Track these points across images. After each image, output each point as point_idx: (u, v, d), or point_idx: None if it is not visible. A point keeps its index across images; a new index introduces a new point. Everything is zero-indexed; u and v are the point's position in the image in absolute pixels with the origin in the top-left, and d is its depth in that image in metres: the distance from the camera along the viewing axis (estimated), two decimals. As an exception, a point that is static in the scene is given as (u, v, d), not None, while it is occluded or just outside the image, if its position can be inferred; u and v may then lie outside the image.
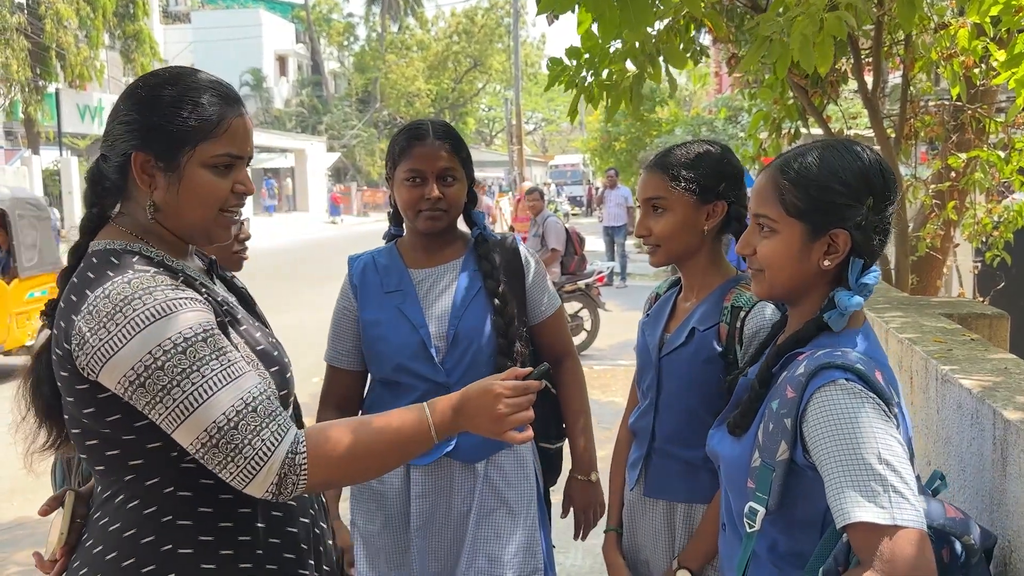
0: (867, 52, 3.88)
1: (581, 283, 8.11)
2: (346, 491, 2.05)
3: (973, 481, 1.69)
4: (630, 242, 14.43)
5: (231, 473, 1.20)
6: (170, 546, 1.26)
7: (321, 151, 38.29)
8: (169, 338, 1.19)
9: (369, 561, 2.07)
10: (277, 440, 1.21)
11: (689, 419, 1.79)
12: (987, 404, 1.60)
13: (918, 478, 1.29)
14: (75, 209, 21.69)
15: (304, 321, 10.44)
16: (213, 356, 1.21)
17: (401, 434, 1.31)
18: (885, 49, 3.82)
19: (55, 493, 1.47)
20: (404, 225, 2.13)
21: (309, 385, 7.47)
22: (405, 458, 1.38)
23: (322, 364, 2.19)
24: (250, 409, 1.21)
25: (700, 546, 1.76)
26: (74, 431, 1.29)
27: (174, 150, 1.30)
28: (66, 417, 1.30)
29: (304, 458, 1.23)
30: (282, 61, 44.63)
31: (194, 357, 1.20)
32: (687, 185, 1.79)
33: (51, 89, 22.23)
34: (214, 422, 1.19)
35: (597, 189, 26.82)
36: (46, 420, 1.35)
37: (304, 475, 1.22)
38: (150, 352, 1.18)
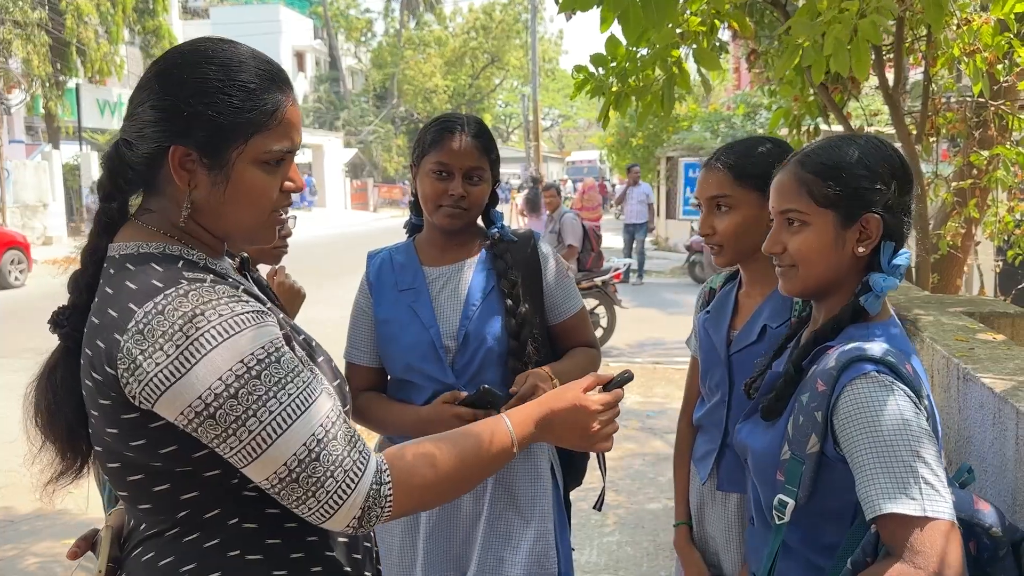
0: (888, 48, 3.84)
1: (598, 280, 8.10)
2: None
3: (994, 480, 1.68)
4: (649, 239, 14.37)
5: (310, 508, 1.07)
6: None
7: (338, 147, 38.42)
8: (242, 361, 1.03)
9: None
10: (360, 470, 1.08)
11: None
12: (1009, 403, 1.59)
13: (945, 470, 1.28)
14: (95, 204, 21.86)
15: (326, 316, 10.49)
16: (289, 379, 1.06)
17: (485, 453, 1.21)
18: (907, 45, 3.79)
19: (85, 534, 1.33)
20: (424, 218, 2.10)
21: (326, 379, 7.51)
22: (487, 475, 1.27)
23: (340, 359, 2.19)
24: (331, 437, 1.07)
25: None
26: (111, 465, 1.13)
27: (222, 145, 1.12)
28: (98, 449, 1.15)
29: (389, 488, 1.11)
30: (300, 57, 44.78)
31: (270, 382, 1.04)
32: (753, 182, 1.77)
33: (71, 84, 22.43)
34: (294, 455, 1.04)
35: (613, 186, 26.74)
36: (68, 447, 1.17)
37: (389, 507, 1.10)
38: (220, 378, 1.02)
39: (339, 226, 28.63)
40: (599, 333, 8.13)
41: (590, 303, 8.16)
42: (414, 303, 2.01)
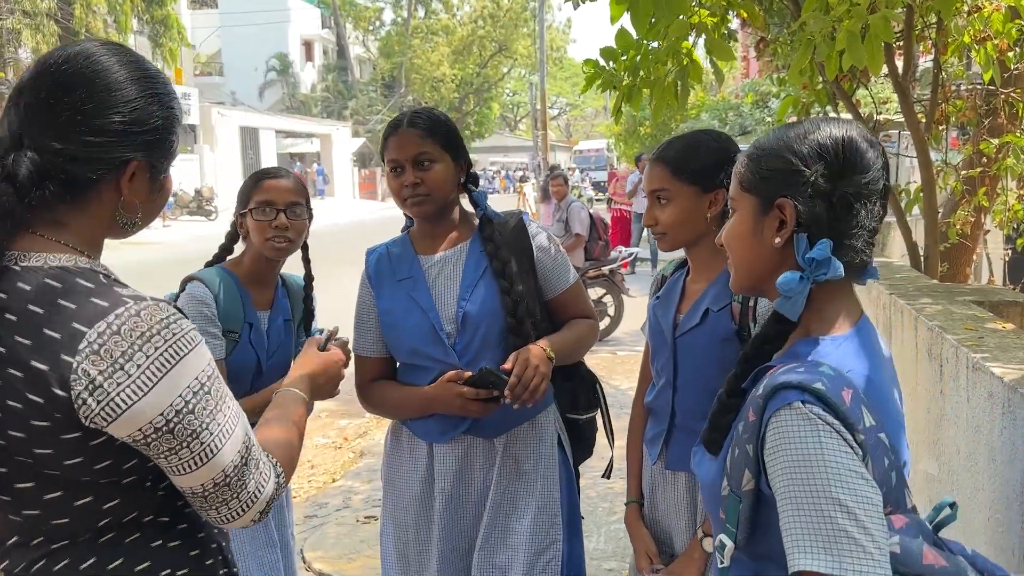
0: (898, 35, 3.81)
1: (605, 269, 8.09)
2: (374, 462, 2.09)
3: (1004, 470, 1.68)
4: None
5: (230, 508, 1.15)
6: (168, 570, 1.19)
7: (346, 136, 38.43)
8: (196, 378, 1.09)
9: (395, 535, 2.14)
10: (270, 470, 1.20)
11: (709, 395, 1.78)
12: (1019, 392, 1.59)
13: (913, 510, 1.14)
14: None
15: (335, 305, 10.51)
16: (225, 392, 1.15)
17: (301, 415, 1.42)
18: (916, 32, 3.75)
19: None
20: None
21: (334, 368, 7.57)
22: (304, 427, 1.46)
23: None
24: (254, 442, 1.18)
25: None
26: (22, 485, 1.10)
27: (170, 155, 1.21)
28: (2, 471, 1.10)
29: (284, 476, 1.24)
30: (308, 46, 44.74)
31: (217, 396, 1.12)
32: (688, 177, 1.85)
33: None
34: (231, 461, 1.13)
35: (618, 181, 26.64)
36: None
37: (282, 490, 1.24)
38: (180, 395, 1.07)
39: (347, 215, 28.67)
40: (606, 322, 8.12)
41: (597, 292, 8.16)
42: (412, 291, 2.07)
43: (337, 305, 10.96)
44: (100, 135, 1.11)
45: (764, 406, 1.10)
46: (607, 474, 2.29)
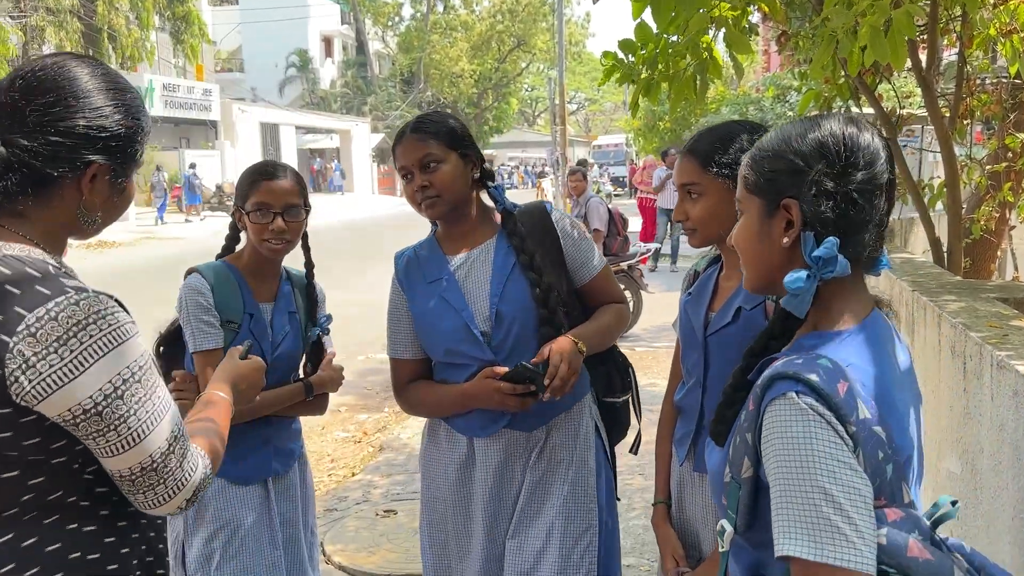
0: (921, 29, 3.77)
1: (624, 264, 8.07)
2: (393, 457, 2.10)
3: (1027, 469, 1.66)
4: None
5: (156, 493, 1.21)
6: (78, 553, 1.23)
7: (365, 132, 38.54)
8: (127, 366, 1.17)
9: (434, 530, 2.16)
10: (198, 461, 1.27)
11: None
12: (1043, 391, 1.57)
13: (910, 504, 1.14)
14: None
15: (350, 300, 10.59)
16: (158, 383, 1.23)
17: (227, 415, 1.50)
18: (941, 26, 3.71)
19: None
20: None
21: (355, 363, 7.60)
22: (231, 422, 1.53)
23: (368, 343, 2.27)
24: (179, 434, 1.24)
25: None
26: None
27: (133, 163, 1.30)
28: None
29: (210, 468, 1.31)
30: (328, 42, 44.88)
31: (147, 385, 1.20)
32: (720, 170, 1.81)
33: (103, 70, 22.66)
34: (158, 447, 1.20)
35: (643, 170, 26.53)
36: None
37: (210, 480, 1.31)
38: (110, 381, 1.15)
39: (367, 211, 28.79)
40: (625, 318, 8.08)
41: (617, 288, 8.13)
42: (444, 292, 2.09)
43: (360, 298, 10.97)
44: (64, 136, 1.21)
45: (762, 396, 1.14)
46: (634, 449, 2.32)
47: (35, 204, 1.22)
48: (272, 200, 2.17)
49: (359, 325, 9.14)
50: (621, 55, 3.60)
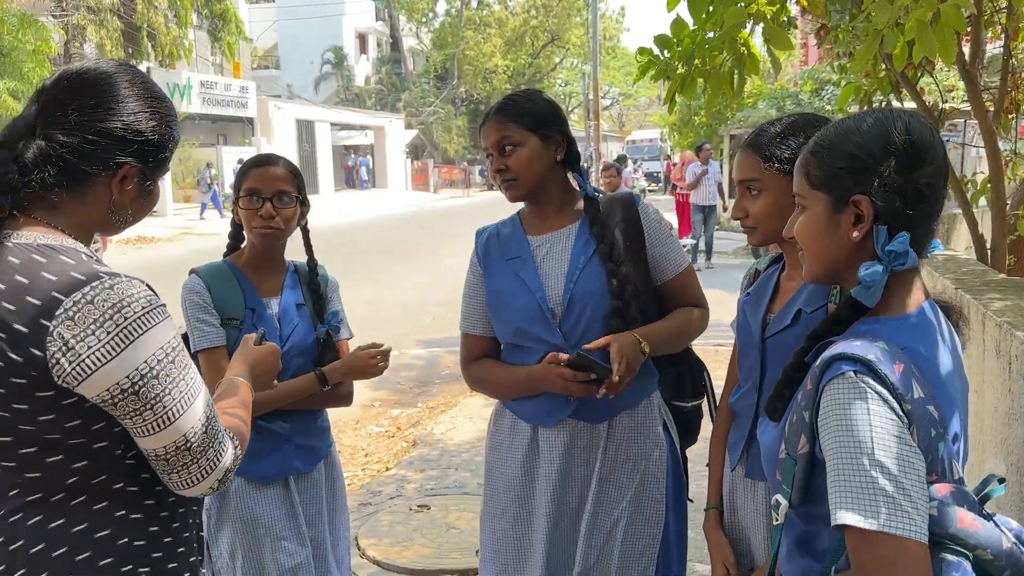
0: (965, 21, 3.69)
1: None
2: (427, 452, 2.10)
3: (1074, 472, 1.62)
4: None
5: (190, 473, 1.26)
6: (126, 539, 1.28)
7: (399, 128, 38.70)
8: (161, 347, 1.21)
9: (497, 519, 2.15)
10: (228, 442, 1.31)
11: None
12: (1092, 392, 1.53)
13: (959, 481, 1.20)
14: (166, 184, 22.53)
15: (382, 297, 10.66)
16: (189, 365, 1.27)
17: (247, 400, 1.54)
18: (985, 18, 3.62)
19: None
20: None
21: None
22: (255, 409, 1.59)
23: (400, 338, 2.26)
24: (211, 415, 1.29)
25: None
26: (1, 439, 1.22)
27: (162, 167, 1.37)
28: None
29: (240, 449, 1.35)
30: (362, 39, 45.15)
31: (180, 366, 1.24)
32: (780, 166, 1.75)
33: (142, 68, 22.98)
34: (192, 427, 1.24)
35: (674, 165, 26.39)
36: None
37: (239, 461, 1.35)
38: (146, 361, 1.19)
39: (399, 207, 28.95)
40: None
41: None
42: (520, 271, 2.09)
43: (393, 294, 11.00)
44: (101, 136, 1.27)
45: (820, 376, 1.19)
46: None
47: (69, 198, 1.28)
48: (261, 186, 2.16)
49: (391, 321, 9.20)
50: (656, 51, 3.57)
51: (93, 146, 1.27)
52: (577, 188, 2.16)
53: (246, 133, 29.55)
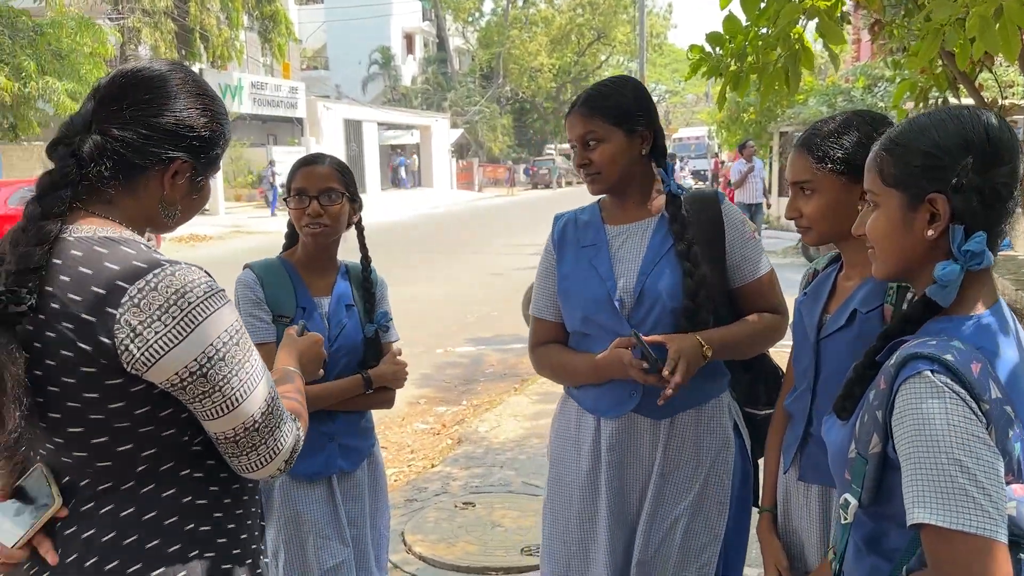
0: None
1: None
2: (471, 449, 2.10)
3: None
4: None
5: (259, 455, 1.29)
6: (192, 525, 1.30)
7: (445, 127, 38.89)
8: (225, 330, 1.24)
9: (559, 510, 2.15)
10: (293, 424, 1.35)
11: None
12: None
13: None
14: (218, 183, 22.98)
15: (426, 294, 10.72)
16: (251, 348, 1.29)
17: (301, 387, 1.59)
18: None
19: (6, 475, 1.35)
20: None
21: (434, 356, 7.69)
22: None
23: (447, 336, 2.26)
24: (275, 396, 1.32)
25: None
26: (73, 430, 1.23)
27: (213, 164, 1.40)
28: (55, 416, 1.23)
29: (302, 432, 1.38)
30: (409, 39, 45.47)
31: (245, 348, 1.27)
32: (834, 165, 1.73)
33: (195, 69, 23.42)
34: (259, 408, 1.27)
35: (722, 162, 26.10)
36: (28, 425, 1.22)
37: (301, 444, 1.37)
38: (212, 344, 1.22)
39: (445, 205, 29.09)
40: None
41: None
42: (594, 259, 2.07)
43: (440, 291, 11.07)
44: (153, 131, 1.30)
45: (895, 375, 1.18)
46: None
47: (123, 192, 1.31)
48: (308, 184, 2.19)
49: (437, 319, 9.25)
50: (708, 48, 3.53)
51: (146, 140, 1.30)
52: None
53: (295, 133, 29.97)
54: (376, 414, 2.42)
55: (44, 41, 16.66)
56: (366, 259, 2.35)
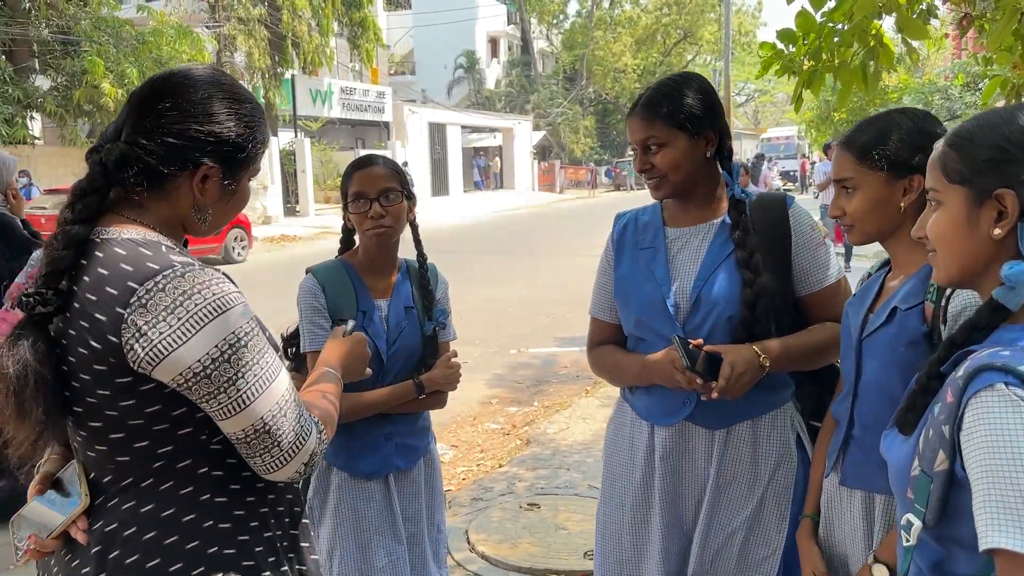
0: None
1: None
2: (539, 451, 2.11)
3: None
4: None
5: (272, 456, 1.28)
6: (211, 522, 1.31)
7: (527, 130, 39.01)
8: (233, 332, 1.24)
9: (612, 515, 2.13)
10: (311, 426, 1.33)
11: (890, 406, 1.65)
12: None
13: None
14: (308, 185, 23.67)
15: (503, 295, 10.78)
16: (266, 350, 1.29)
17: (338, 385, 1.58)
18: None
19: (41, 472, 1.42)
20: None
21: (507, 356, 7.73)
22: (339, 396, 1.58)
23: (521, 337, 2.27)
24: (293, 400, 1.31)
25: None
26: (93, 424, 1.28)
27: (243, 167, 1.39)
28: (78, 410, 1.28)
29: (324, 433, 1.36)
30: (494, 43, 45.77)
31: (254, 351, 1.26)
32: (874, 163, 1.70)
33: (287, 75, 24.23)
34: (269, 410, 1.26)
35: (813, 164, 25.38)
36: (50, 421, 1.26)
37: (324, 446, 1.36)
38: (216, 346, 1.22)
39: (524, 207, 29.15)
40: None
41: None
42: (651, 261, 2.04)
43: (515, 292, 11.08)
44: (177, 138, 1.32)
45: (964, 388, 1.11)
46: None
47: (153, 197, 1.34)
48: (366, 188, 2.18)
49: (513, 319, 9.29)
50: (780, 46, 3.44)
51: (169, 148, 1.31)
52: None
53: (382, 137, 30.58)
54: (447, 413, 2.42)
55: (146, 49, 17.47)
56: (422, 256, 2.37)
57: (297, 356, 2.28)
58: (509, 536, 3.84)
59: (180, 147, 1.32)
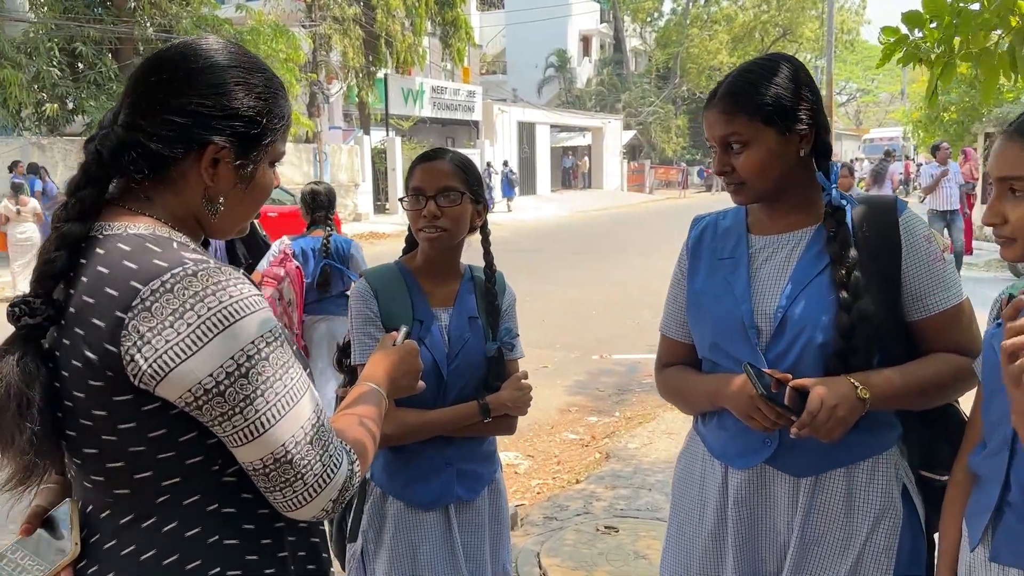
0: None
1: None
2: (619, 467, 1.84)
3: None
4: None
5: (292, 491, 1.10)
6: (218, 569, 1.13)
7: (617, 129, 38.63)
8: (251, 342, 1.06)
9: (677, 564, 1.83)
10: (340, 458, 1.14)
11: None
12: None
13: None
14: (397, 184, 23.90)
15: (587, 297, 10.53)
16: (290, 364, 1.10)
17: (378, 408, 1.35)
18: None
19: (32, 510, 1.22)
20: None
21: (589, 362, 7.48)
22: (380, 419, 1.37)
23: (604, 342, 2.01)
24: (318, 423, 1.12)
25: None
26: (88, 451, 1.11)
27: (256, 147, 1.19)
28: (71, 434, 1.11)
29: (357, 465, 1.17)
30: (586, 41, 45.47)
31: (276, 365, 1.08)
32: None
33: (380, 74, 24.57)
34: (292, 436, 1.08)
35: (919, 166, 24.11)
36: (40, 447, 1.08)
37: (358, 479, 1.18)
38: (232, 358, 1.04)
39: (612, 207, 28.76)
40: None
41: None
42: (730, 274, 1.74)
43: (600, 295, 10.82)
44: (175, 114, 1.14)
45: None
46: None
47: (158, 187, 1.17)
48: (424, 183, 1.96)
49: (597, 323, 9.02)
50: (905, 30, 3.05)
51: (170, 127, 1.14)
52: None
53: (472, 136, 30.71)
54: (523, 420, 2.16)
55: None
56: (490, 268, 2.11)
57: (351, 369, 2.07)
58: (584, 562, 3.58)
59: (182, 125, 1.14)
